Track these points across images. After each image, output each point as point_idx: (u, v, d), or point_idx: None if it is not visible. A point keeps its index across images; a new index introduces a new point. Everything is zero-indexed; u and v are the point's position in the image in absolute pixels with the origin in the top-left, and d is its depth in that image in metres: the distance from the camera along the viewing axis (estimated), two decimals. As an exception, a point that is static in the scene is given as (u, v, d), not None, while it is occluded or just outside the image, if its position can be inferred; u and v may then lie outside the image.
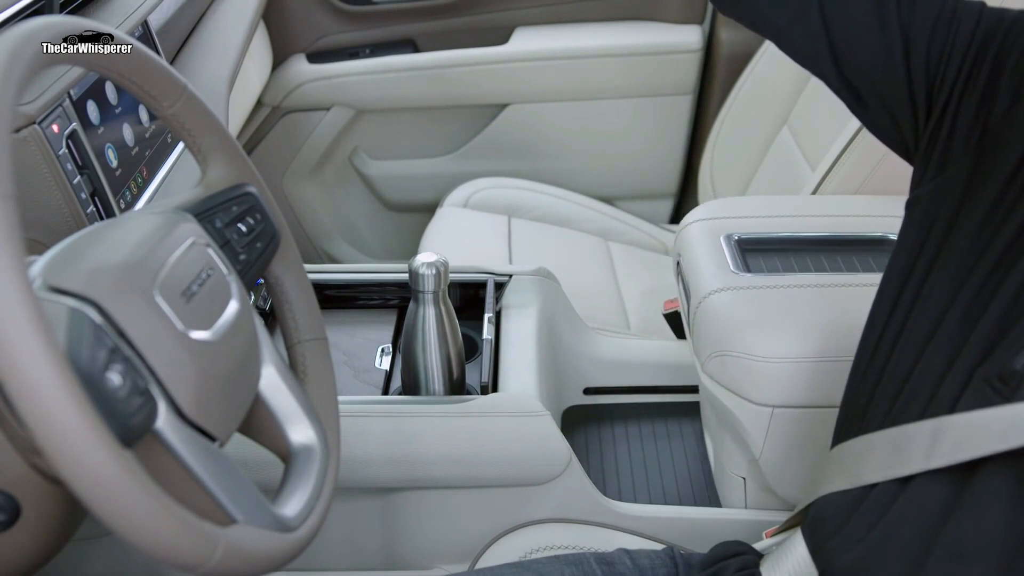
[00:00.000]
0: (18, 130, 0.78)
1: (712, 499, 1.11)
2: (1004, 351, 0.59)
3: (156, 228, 0.60)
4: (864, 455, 0.69)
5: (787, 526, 0.82)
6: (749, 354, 0.93)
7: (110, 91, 0.95)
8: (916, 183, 0.71)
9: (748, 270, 1.01)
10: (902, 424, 0.65)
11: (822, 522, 0.73)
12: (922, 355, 0.66)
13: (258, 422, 0.68)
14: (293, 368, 0.76)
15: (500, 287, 1.20)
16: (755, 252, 1.06)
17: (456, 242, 1.62)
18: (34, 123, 0.79)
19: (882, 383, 0.70)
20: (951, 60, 0.66)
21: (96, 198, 0.87)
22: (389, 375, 1.14)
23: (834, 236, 1.09)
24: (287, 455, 0.69)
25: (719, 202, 1.20)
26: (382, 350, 1.18)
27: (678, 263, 1.11)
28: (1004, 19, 0.65)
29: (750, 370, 0.93)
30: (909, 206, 0.71)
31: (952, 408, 0.61)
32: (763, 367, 0.92)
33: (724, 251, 1.06)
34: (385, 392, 1.12)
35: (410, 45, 1.90)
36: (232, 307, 0.62)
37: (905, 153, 0.73)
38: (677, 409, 1.25)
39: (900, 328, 0.69)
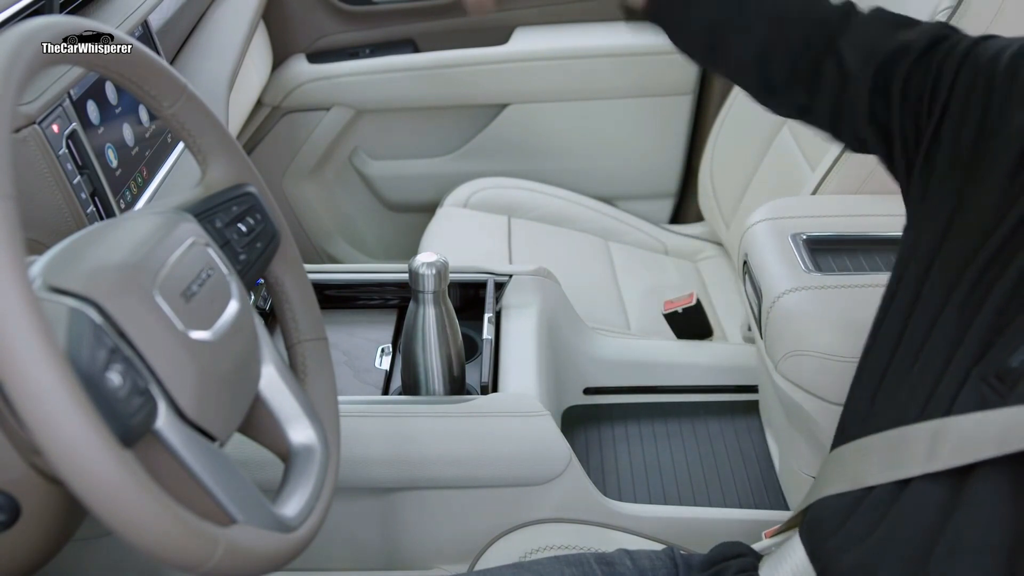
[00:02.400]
0: (18, 130, 0.78)
1: (712, 499, 1.11)
2: (1000, 349, 0.59)
3: (156, 228, 0.60)
4: (864, 458, 0.69)
5: (787, 527, 0.82)
6: (826, 354, 0.93)
7: (110, 91, 0.95)
8: (910, 196, 0.71)
9: (819, 270, 1.01)
10: (901, 426, 0.65)
11: (820, 524, 0.73)
12: (920, 355, 0.66)
13: (258, 422, 0.68)
14: (293, 368, 0.76)
15: (500, 287, 1.20)
16: (824, 252, 1.06)
17: (456, 242, 1.62)
18: (34, 123, 0.79)
19: (883, 385, 0.70)
20: (933, 101, 0.67)
21: (96, 198, 0.87)
22: (389, 375, 1.14)
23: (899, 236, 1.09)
24: (287, 455, 0.69)
25: (782, 201, 1.19)
26: (382, 350, 1.18)
27: (745, 263, 1.11)
28: (953, 54, 0.66)
29: (828, 370, 0.93)
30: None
31: (950, 408, 0.61)
32: (841, 367, 0.92)
33: (793, 251, 1.05)
34: (385, 392, 1.12)
35: (410, 45, 1.90)
36: (232, 307, 0.62)
37: (896, 173, 0.74)
38: (677, 409, 1.25)
39: (900, 329, 0.69)
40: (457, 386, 1.07)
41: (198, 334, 0.57)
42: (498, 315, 1.18)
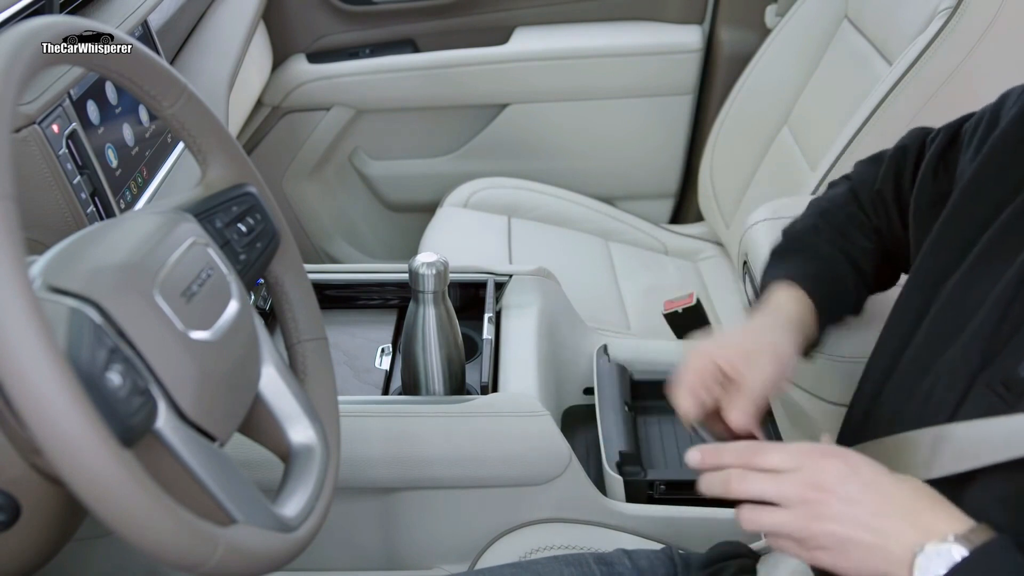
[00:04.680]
0: (18, 130, 0.78)
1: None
2: (1007, 358, 0.59)
3: (156, 228, 0.60)
4: None
5: (787, 526, 0.82)
6: (826, 354, 0.93)
7: (110, 91, 0.95)
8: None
9: None
10: (903, 432, 0.65)
11: None
12: (927, 362, 0.65)
13: (258, 422, 0.68)
14: (293, 368, 0.76)
15: (500, 287, 1.20)
16: None
17: (456, 242, 1.62)
18: (34, 123, 0.79)
19: (886, 390, 0.69)
20: None
21: (96, 198, 0.87)
22: (389, 375, 1.14)
23: None
24: (287, 455, 0.69)
25: (780, 202, 1.18)
26: (382, 350, 1.18)
27: (745, 263, 1.11)
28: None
29: (828, 370, 0.93)
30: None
31: (953, 415, 0.61)
32: (839, 366, 0.92)
33: None
34: (385, 392, 1.12)
35: (410, 45, 1.90)
36: (232, 307, 0.62)
37: None
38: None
39: (906, 334, 0.68)
40: (457, 386, 1.07)
41: (198, 334, 0.57)
42: (498, 315, 1.18)
